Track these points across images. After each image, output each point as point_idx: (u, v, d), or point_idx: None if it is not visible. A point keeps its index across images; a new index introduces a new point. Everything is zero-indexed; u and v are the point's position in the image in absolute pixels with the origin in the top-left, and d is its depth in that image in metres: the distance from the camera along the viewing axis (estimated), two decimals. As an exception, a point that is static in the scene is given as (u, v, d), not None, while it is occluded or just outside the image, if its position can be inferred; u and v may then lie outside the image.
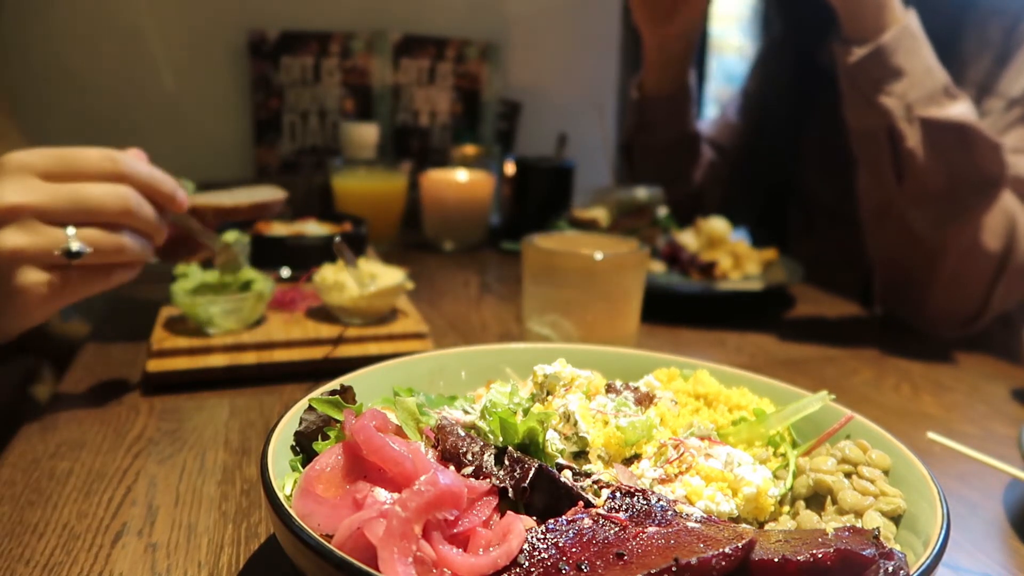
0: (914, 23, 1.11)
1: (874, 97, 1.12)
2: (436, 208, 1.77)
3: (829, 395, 0.64)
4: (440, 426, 0.53)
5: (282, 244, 1.33)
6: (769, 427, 0.64)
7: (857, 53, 1.12)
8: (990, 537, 0.70)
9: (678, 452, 0.55)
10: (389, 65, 2.10)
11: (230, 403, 0.89)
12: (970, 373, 1.11)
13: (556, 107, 2.26)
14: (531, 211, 1.73)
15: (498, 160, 1.92)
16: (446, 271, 1.59)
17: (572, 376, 0.60)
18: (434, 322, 1.23)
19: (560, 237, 1.14)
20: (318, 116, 2.08)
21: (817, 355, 1.16)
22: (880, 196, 1.20)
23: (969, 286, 1.18)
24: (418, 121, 2.16)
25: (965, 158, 1.09)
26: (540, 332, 1.04)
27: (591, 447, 0.56)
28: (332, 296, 1.05)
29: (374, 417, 0.49)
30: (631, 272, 1.03)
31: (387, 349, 1.02)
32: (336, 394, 0.56)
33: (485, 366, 0.74)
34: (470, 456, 0.50)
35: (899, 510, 0.53)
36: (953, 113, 1.08)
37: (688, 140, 1.68)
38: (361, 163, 1.76)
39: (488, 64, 2.18)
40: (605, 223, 1.49)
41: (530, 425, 0.52)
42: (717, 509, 0.52)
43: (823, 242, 1.65)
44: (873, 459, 0.57)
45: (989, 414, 0.97)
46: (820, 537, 0.47)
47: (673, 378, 0.72)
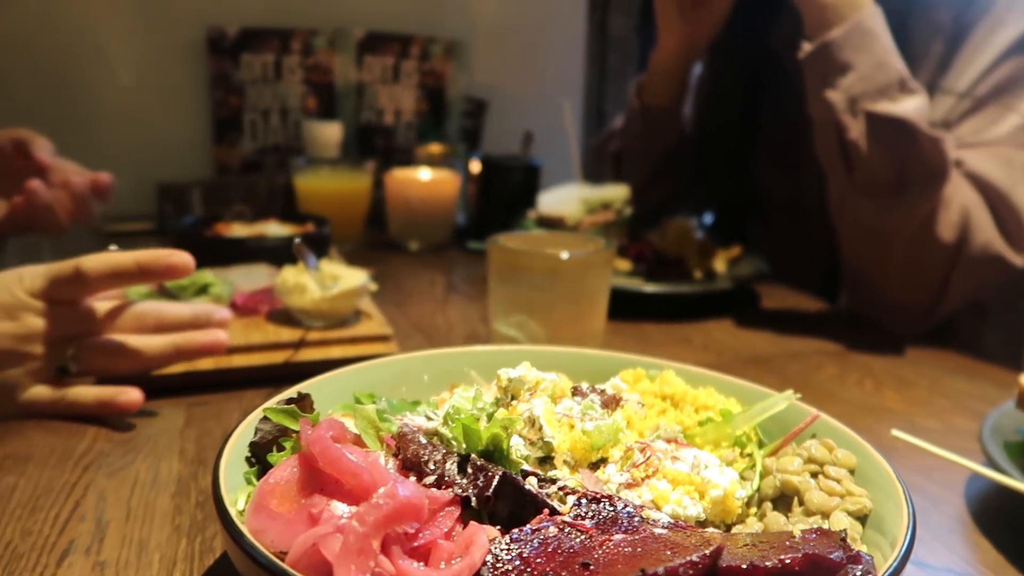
0: (869, 19, 1.12)
1: (821, 90, 1.14)
2: (401, 207, 1.75)
3: (795, 394, 0.64)
4: (401, 434, 0.52)
5: (242, 246, 1.30)
6: (736, 427, 0.63)
7: (806, 48, 1.15)
8: (953, 532, 0.70)
9: (645, 456, 0.54)
10: (352, 63, 2.07)
11: (187, 411, 0.87)
12: (931, 368, 1.12)
13: (522, 105, 2.25)
14: (497, 210, 1.72)
15: (464, 159, 1.90)
16: (411, 271, 1.57)
17: (537, 380, 0.59)
18: (399, 324, 1.21)
19: (526, 236, 1.13)
20: (280, 114, 2.04)
21: (782, 351, 1.16)
22: (837, 188, 1.21)
23: (923, 278, 1.20)
24: (382, 119, 2.13)
25: (909, 151, 1.10)
26: (506, 333, 1.03)
27: (557, 452, 0.54)
28: (293, 299, 1.03)
29: (331, 427, 0.47)
30: (597, 271, 1.03)
31: (350, 352, 1.00)
32: (293, 402, 0.54)
33: (449, 369, 0.72)
34: (432, 465, 0.49)
35: (865, 510, 0.53)
36: (899, 108, 1.09)
37: (683, 145, 1.68)
38: (324, 162, 1.73)
39: (453, 62, 2.16)
40: (572, 222, 1.48)
41: (494, 431, 0.50)
42: (684, 513, 0.51)
43: (780, 236, 1.66)
44: (839, 458, 0.57)
45: (950, 408, 0.98)
46: (788, 540, 0.46)
47: (639, 379, 0.72)
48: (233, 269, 1.22)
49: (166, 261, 0.78)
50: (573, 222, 1.49)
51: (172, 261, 0.78)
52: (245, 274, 1.20)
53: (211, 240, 1.34)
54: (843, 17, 1.12)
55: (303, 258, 1.00)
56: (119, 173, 1.34)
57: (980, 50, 1.23)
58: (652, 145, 1.65)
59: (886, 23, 1.15)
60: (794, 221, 1.61)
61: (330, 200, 1.68)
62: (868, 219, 1.19)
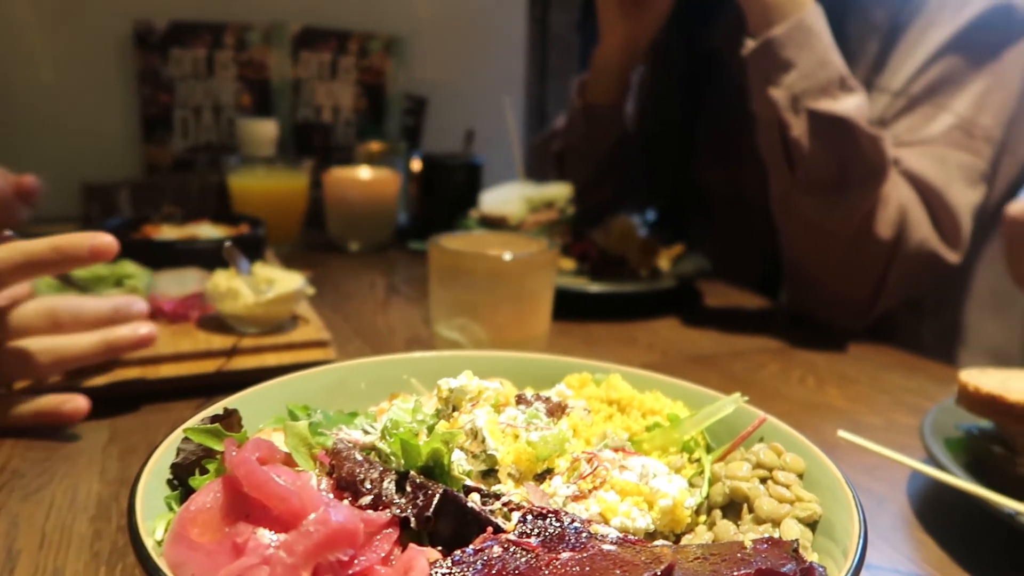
0: (810, 17, 1.13)
1: (764, 88, 1.15)
2: (340, 207, 1.70)
3: (742, 396, 0.63)
4: (336, 450, 0.49)
5: (171, 248, 1.24)
6: (683, 432, 0.62)
7: (749, 45, 1.15)
8: (897, 530, 0.70)
9: (592, 466, 0.53)
10: (288, 58, 2.01)
11: (110, 426, 0.82)
12: (871, 364, 1.14)
13: (463, 103, 2.22)
14: (439, 209, 1.69)
15: (405, 157, 1.87)
16: (351, 273, 1.53)
17: (479, 389, 0.57)
18: (338, 328, 1.17)
19: (467, 237, 1.10)
20: (212, 111, 1.97)
21: (726, 350, 1.17)
22: (779, 185, 1.22)
23: (863, 274, 1.22)
24: (320, 117, 2.08)
25: (849, 149, 1.12)
26: (448, 336, 1.00)
27: (501, 465, 0.52)
28: (225, 304, 0.98)
29: (258, 447, 0.44)
30: (541, 272, 1.01)
31: (286, 359, 0.96)
32: (218, 419, 0.50)
33: (388, 378, 0.69)
34: (368, 484, 0.46)
35: (815, 516, 0.52)
36: (840, 106, 1.11)
37: (626, 144, 1.67)
38: (259, 161, 1.67)
39: (392, 58, 2.12)
40: (515, 221, 1.46)
41: (434, 446, 0.48)
42: (633, 526, 0.50)
43: (723, 233, 1.67)
44: (788, 463, 0.56)
45: (891, 404, 1.00)
46: (739, 552, 0.45)
47: (585, 384, 0.70)
48: (162, 273, 1.16)
49: (89, 244, 0.70)
50: (516, 221, 1.47)
51: (96, 244, 0.70)
52: (175, 278, 1.15)
53: (139, 243, 1.28)
54: (785, 15, 1.12)
55: (234, 262, 0.95)
56: (42, 174, 1.26)
57: (914, 49, 1.25)
58: (595, 144, 1.65)
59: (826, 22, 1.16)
60: (736, 218, 1.62)
61: (266, 200, 1.62)
62: (809, 216, 1.20)
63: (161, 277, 1.15)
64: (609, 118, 1.62)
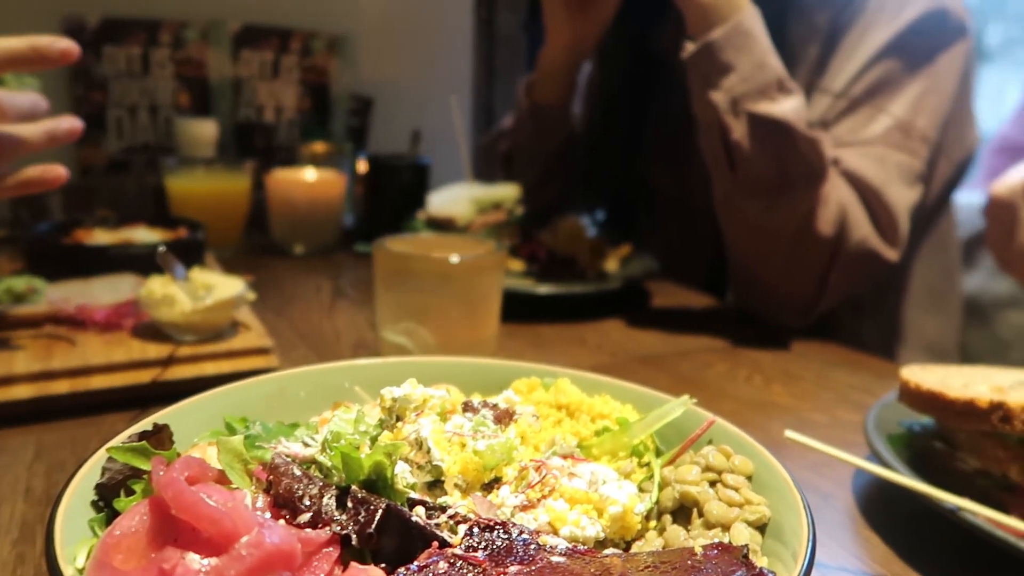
0: (748, 20, 1.14)
1: (704, 91, 1.15)
2: (284, 209, 1.66)
3: (691, 399, 0.63)
4: (273, 466, 0.47)
5: (104, 254, 1.19)
6: (633, 436, 0.61)
7: (689, 48, 1.15)
8: (844, 527, 0.71)
9: (540, 475, 0.51)
10: (228, 57, 1.96)
11: (37, 441, 0.77)
12: (816, 361, 1.16)
13: (409, 103, 2.20)
14: (386, 211, 1.66)
15: (350, 158, 1.83)
16: (296, 276, 1.50)
17: (424, 397, 0.55)
18: (281, 334, 1.14)
19: (414, 239, 1.08)
20: (148, 111, 1.91)
21: (674, 350, 1.17)
22: (721, 187, 1.23)
23: (805, 273, 1.23)
24: (262, 117, 2.03)
25: (789, 151, 1.13)
26: (395, 341, 0.98)
27: (447, 476, 0.51)
28: (161, 311, 0.95)
29: (187, 465, 0.41)
30: (489, 274, 0.99)
31: (226, 368, 0.93)
32: (147, 436, 0.48)
33: (331, 386, 0.67)
34: (307, 501, 0.44)
35: (764, 518, 0.52)
36: (779, 109, 1.12)
37: (574, 144, 1.67)
38: (199, 162, 1.63)
39: (337, 57, 2.08)
40: (462, 222, 1.45)
41: (376, 459, 0.46)
42: (583, 535, 0.49)
43: (669, 233, 1.68)
44: (736, 465, 0.56)
45: (836, 401, 1.01)
46: (690, 559, 0.44)
47: (534, 388, 0.69)
48: (94, 280, 1.12)
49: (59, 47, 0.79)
50: (464, 222, 1.45)
51: (64, 47, 0.80)
52: (107, 285, 1.10)
53: (69, 248, 1.23)
54: (723, 18, 1.13)
55: (169, 267, 0.92)
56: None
57: (854, 52, 1.27)
58: (543, 144, 1.64)
59: (764, 24, 1.17)
60: (682, 219, 1.64)
61: (205, 203, 1.57)
62: (752, 217, 1.21)
63: (93, 283, 1.10)
64: (556, 118, 1.61)
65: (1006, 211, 0.97)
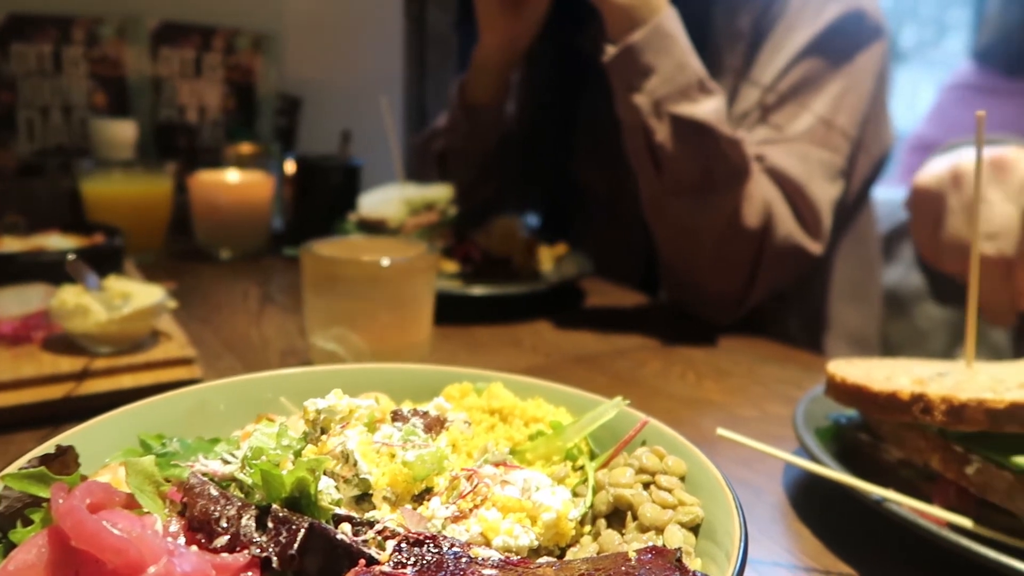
0: (667, 21, 1.14)
1: (626, 94, 1.16)
2: (209, 213, 1.61)
3: (624, 400, 0.62)
4: (188, 486, 0.44)
5: (13, 262, 1.12)
6: (566, 440, 0.61)
7: (610, 52, 1.16)
8: (775, 522, 0.72)
9: (472, 484, 0.50)
10: (146, 55, 1.89)
11: (-64, 465, 0.72)
12: (746, 356, 1.17)
13: (339, 103, 2.15)
14: (316, 213, 1.62)
15: (278, 159, 1.79)
16: (222, 282, 1.45)
17: (350, 408, 0.53)
18: (206, 343, 1.10)
19: (342, 243, 1.06)
20: (62, 111, 1.82)
21: (609, 349, 1.17)
22: (648, 188, 1.24)
23: (733, 270, 1.25)
24: (184, 117, 1.96)
25: (712, 152, 1.15)
26: (326, 348, 0.96)
27: (375, 489, 0.49)
28: (74, 322, 0.90)
29: (89, 492, 0.39)
30: (420, 277, 0.98)
31: (145, 380, 0.89)
32: (48, 460, 0.45)
33: (254, 398, 0.64)
34: (224, 522, 0.42)
35: (697, 519, 0.51)
36: (700, 110, 1.13)
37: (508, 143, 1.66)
38: (116, 165, 1.56)
39: (262, 56, 2.02)
40: (394, 224, 1.42)
41: (299, 475, 0.44)
42: (516, 544, 0.47)
43: (602, 232, 1.69)
44: (669, 466, 0.56)
45: (765, 395, 1.03)
46: (623, 565, 0.44)
47: (466, 394, 0.68)
48: (2, 290, 1.06)
49: None
50: (396, 224, 1.43)
51: None
52: (16, 296, 1.04)
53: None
54: (642, 20, 1.13)
55: (80, 276, 0.87)
56: None
57: (779, 49, 1.30)
58: (476, 143, 1.63)
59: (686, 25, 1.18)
60: (614, 218, 1.64)
61: (124, 207, 1.51)
62: (678, 217, 1.22)
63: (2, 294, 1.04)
64: (490, 117, 1.60)
65: (931, 201, 0.97)
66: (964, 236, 0.92)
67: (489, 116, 1.59)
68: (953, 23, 4.82)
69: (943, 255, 0.95)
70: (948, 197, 0.95)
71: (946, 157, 1.00)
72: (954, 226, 0.93)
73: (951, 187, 0.95)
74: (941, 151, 1.09)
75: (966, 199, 0.92)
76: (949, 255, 0.94)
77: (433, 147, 1.72)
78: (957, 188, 0.94)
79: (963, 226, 0.92)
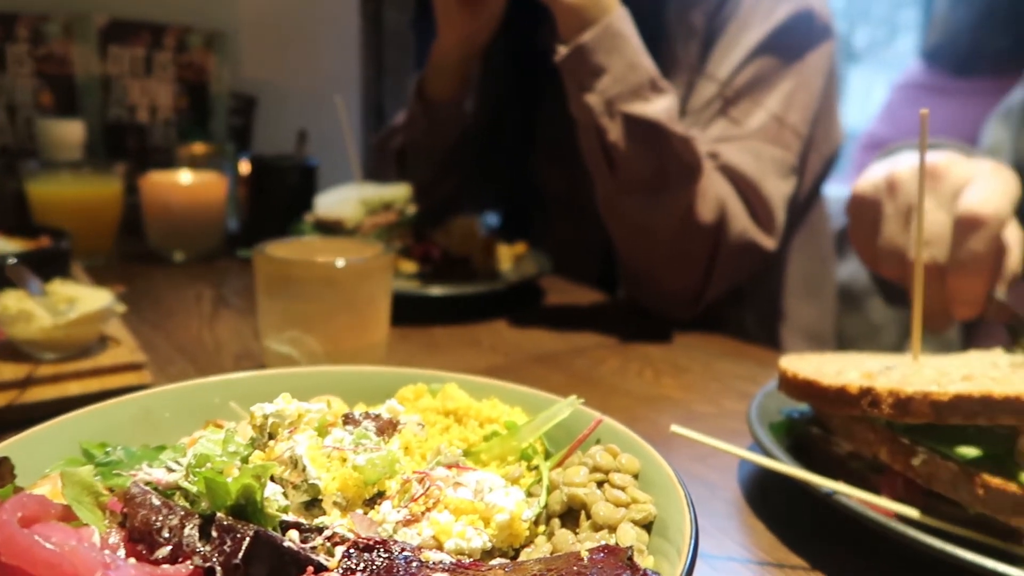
0: (618, 21, 1.15)
1: (579, 94, 1.16)
2: (161, 214, 1.57)
3: (578, 399, 0.62)
4: (129, 496, 0.43)
5: (-48, 267, 1.09)
6: (521, 440, 0.61)
7: (561, 52, 1.16)
8: (730, 517, 0.72)
9: (423, 487, 0.50)
10: (95, 53, 1.84)
11: None
12: (703, 352, 1.18)
13: (295, 102, 2.13)
14: (271, 214, 1.59)
15: (232, 159, 1.76)
16: (175, 285, 1.42)
17: (299, 412, 0.52)
18: (158, 347, 1.08)
19: (296, 244, 1.04)
20: (6, 111, 1.77)
21: (567, 347, 1.17)
22: (603, 187, 1.24)
23: (689, 266, 1.26)
24: (135, 117, 1.92)
25: (664, 151, 1.15)
26: (280, 351, 0.94)
27: (324, 494, 0.48)
28: (17, 328, 0.87)
29: (21, 505, 0.37)
30: (376, 278, 0.97)
31: (93, 387, 0.87)
32: (-18, 472, 0.43)
33: (203, 404, 0.63)
34: (167, 532, 0.40)
35: (650, 516, 0.52)
36: (652, 109, 1.14)
37: (467, 141, 1.65)
38: (64, 166, 1.52)
39: (215, 54, 1.99)
40: (351, 224, 1.41)
41: (244, 482, 0.43)
42: (469, 546, 0.47)
43: (561, 231, 1.70)
44: (623, 464, 0.56)
45: (722, 391, 1.04)
46: (575, 564, 0.44)
47: (421, 395, 0.67)
48: None
49: None
50: (353, 224, 1.41)
51: None
52: None
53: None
54: (593, 19, 1.14)
55: (22, 281, 0.85)
56: None
57: (733, 46, 1.31)
58: (435, 139, 1.62)
59: (635, 22, 1.18)
60: (573, 216, 1.65)
61: (72, 209, 1.47)
62: (634, 216, 1.23)
63: None
64: (450, 114, 1.59)
65: (868, 208, 0.97)
66: (900, 242, 0.93)
67: (447, 112, 1.58)
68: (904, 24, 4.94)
69: (880, 261, 0.96)
70: (884, 204, 0.95)
71: (884, 164, 1.00)
72: (890, 232, 0.94)
73: (887, 194, 0.95)
74: (882, 155, 1.11)
75: (901, 206, 0.93)
76: (886, 261, 0.95)
77: (392, 144, 1.70)
78: (892, 195, 0.95)
79: (899, 232, 0.93)
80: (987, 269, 0.85)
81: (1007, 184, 0.89)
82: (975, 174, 0.89)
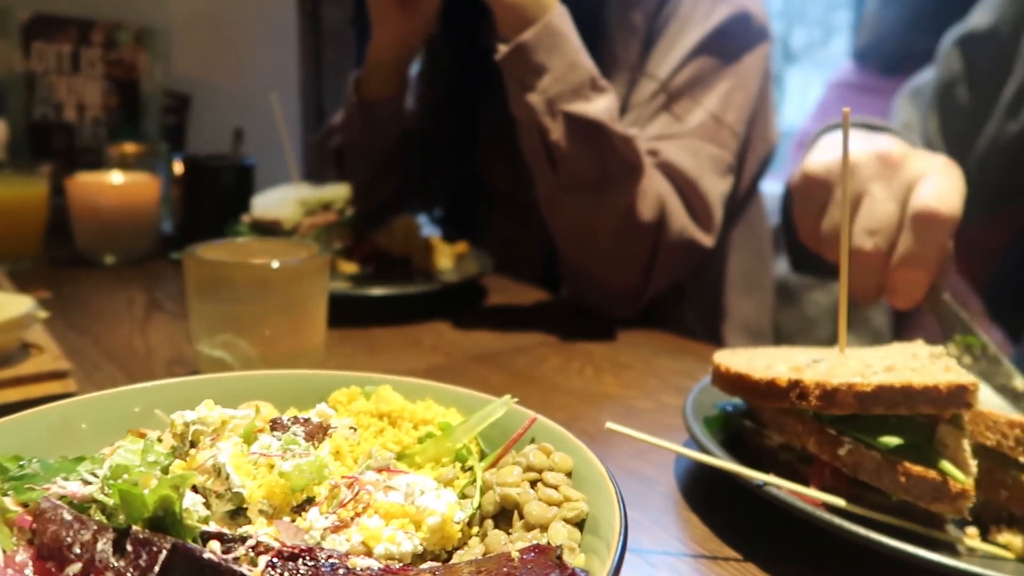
0: (558, 19, 1.15)
1: (520, 93, 1.16)
2: (90, 216, 1.52)
3: (512, 398, 0.62)
4: (39, 511, 0.41)
5: None
6: (455, 441, 0.60)
7: (502, 50, 1.16)
8: (667, 512, 0.73)
9: (352, 491, 0.49)
10: (17, 49, 1.77)
11: None
12: (643, 349, 1.20)
13: (230, 100, 2.08)
14: (206, 215, 1.56)
15: (166, 159, 1.71)
16: (105, 289, 1.38)
17: (223, 419, 0.51)
18: (85, 354, 1.04)
19: (229, 245, 1.02)
20: (-78, 110, 1.69)
21: (508, 346, 1.17)
22: (545, 186, 1.25)
23: (630, 265, 1.28)
24: (62, 116, 1.85)
25: (605, 150, 1.16)
26: (212, 355, 0.92)
27: (249, 502, 0.47)
28: (-70, 338, 0.83)
29: (-83, 526, 0.35)
30: (311, 279, 0.95)
31: (13, 397, 0.83)
32: None
33: (125, 412, 0.61)
34: (78, 548, 0.39)
35: (582, 515, 0.52)
36: (592, 108, 1.15)
37: (407, 140, 1.63)
38: (-16, 167, 1.46)
39: (147, 51, 1.93)
40: (289, 225, 1.38)
41: (162, 493, 0.42)
42: (399, 551, 0.47)
43: (504, 229, 1.69)
44: (556, 463, 0.56)
45: (660, 387, 1.05)
46: (506, 565, 0.44)
47: (354, 398, 0.66)
48: None
49: None
50: (291, 225, 1.39)
51: None
52: None
53: None
54: (533, 18, 1.14)
55: (-67, 288, 0.81)
56: None
57: (673, 45, 1.33)
58: (374, 140, 1.60)
59: (575, 20, 1.19)
60: (516, 215, 1.65)
61: (-7, 212, 1.41)
62: (575, 214, 1.24)
63: None
64: (388, 113, 1.57)
65: (819, 188, 0.95)
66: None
67: (385, 111, 1.56)
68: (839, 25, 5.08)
69: (824, 243, 0.95)
70: (835, 188, 0.94)
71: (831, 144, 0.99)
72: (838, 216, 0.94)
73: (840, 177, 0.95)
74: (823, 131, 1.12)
75: (852, 191, 0.93)
76: (829, 244, 0.94)
77: (330, 144, 1.68)
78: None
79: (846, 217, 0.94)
80: (933, 264, 0.86)
81: (960, 182, 0.88)
82: (929, 169, 0.88)
